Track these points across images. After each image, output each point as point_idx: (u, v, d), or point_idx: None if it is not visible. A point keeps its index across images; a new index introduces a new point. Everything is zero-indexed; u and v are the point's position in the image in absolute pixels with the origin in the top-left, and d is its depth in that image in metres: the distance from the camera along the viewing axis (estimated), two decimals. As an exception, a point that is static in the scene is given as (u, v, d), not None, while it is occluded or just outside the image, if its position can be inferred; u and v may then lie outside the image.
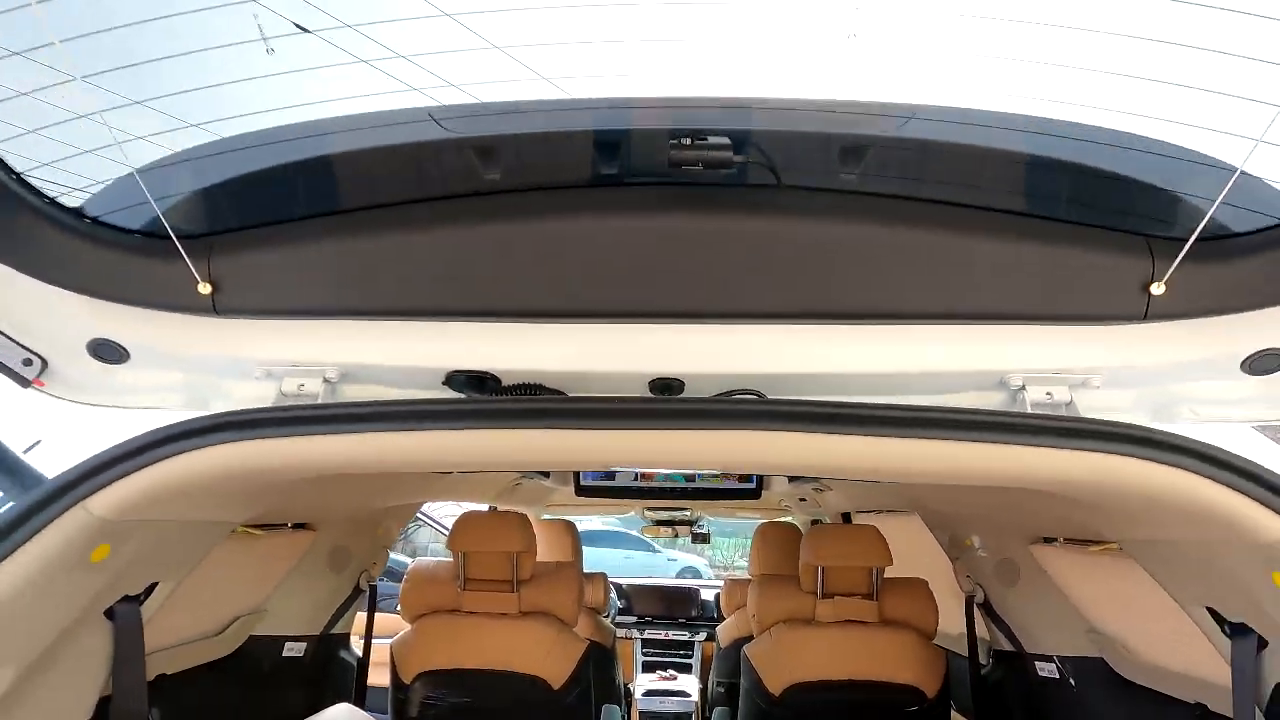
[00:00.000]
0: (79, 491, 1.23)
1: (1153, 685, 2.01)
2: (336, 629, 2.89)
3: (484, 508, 4.31)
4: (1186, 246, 1.16)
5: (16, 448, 1.33)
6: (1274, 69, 1.13)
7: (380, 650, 3.14)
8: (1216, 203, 1.14)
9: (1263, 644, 1.36)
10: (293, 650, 2.58)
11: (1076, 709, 2.37)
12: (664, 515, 6.19)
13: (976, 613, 2.91)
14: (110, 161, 1.25)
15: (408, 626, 2.89)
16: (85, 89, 1.14)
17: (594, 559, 5.39)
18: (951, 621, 3.06)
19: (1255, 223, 1.22)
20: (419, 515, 5.42)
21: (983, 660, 2.96)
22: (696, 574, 17.16)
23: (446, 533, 6.13)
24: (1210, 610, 1.48)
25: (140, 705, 1.54)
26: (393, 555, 4.58)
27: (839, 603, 2.88)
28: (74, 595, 1.33)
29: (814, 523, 5.43)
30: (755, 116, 1.29)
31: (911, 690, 2.81)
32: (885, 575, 2.90)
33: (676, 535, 6.93)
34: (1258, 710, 1.37)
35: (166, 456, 1.25)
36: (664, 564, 17.23)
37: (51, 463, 1.40)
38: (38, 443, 1.54)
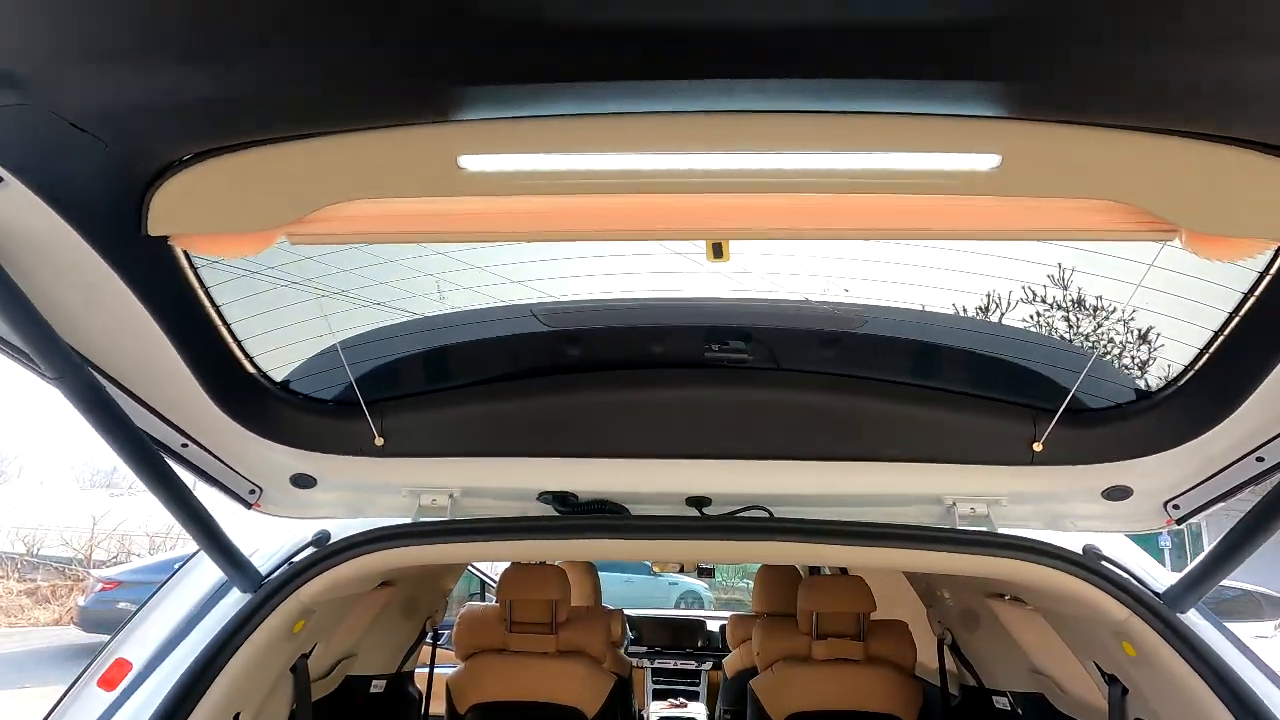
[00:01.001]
0: (294, 585, 1.77)
1: (1077, 717, 2.53)
2: (406, 667, 3.41)
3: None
4: (1053, 421, 1.72)
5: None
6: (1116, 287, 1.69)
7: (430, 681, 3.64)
8: (1072, 391, 1.71)
9: (1125, 691, 1.90)
10: (376, 687, 3.10)
11: (1023, 737, 2.89)
12: (672, 554, 6.69)
13: (946, 652, 3.42)
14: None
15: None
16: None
17: (598, 584, 5.83)
18: (930, 656, 3.57)
19: (1105, 401, 1.78)
20: (470, 569, 5.96)
21: (953, 693, 3.47)
22: (697, 597, 17.47)
23: (485, 578, 6.62)
24: (1095, 664, 2.02)
25: (309, 730, 2.10)
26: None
27: (831, 643, 3.33)
28: (281, 658, 1.86)
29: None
30: (761, 320, 1.85)
31: (894, 719, 3.33)
32: (871, 618, 3.41)
33: (683, 569, 7.45)
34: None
35: (352, 557, 1.80)
36: (665, 588, 17.55)
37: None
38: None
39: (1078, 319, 1.69)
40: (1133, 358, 1.69)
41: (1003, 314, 1.74)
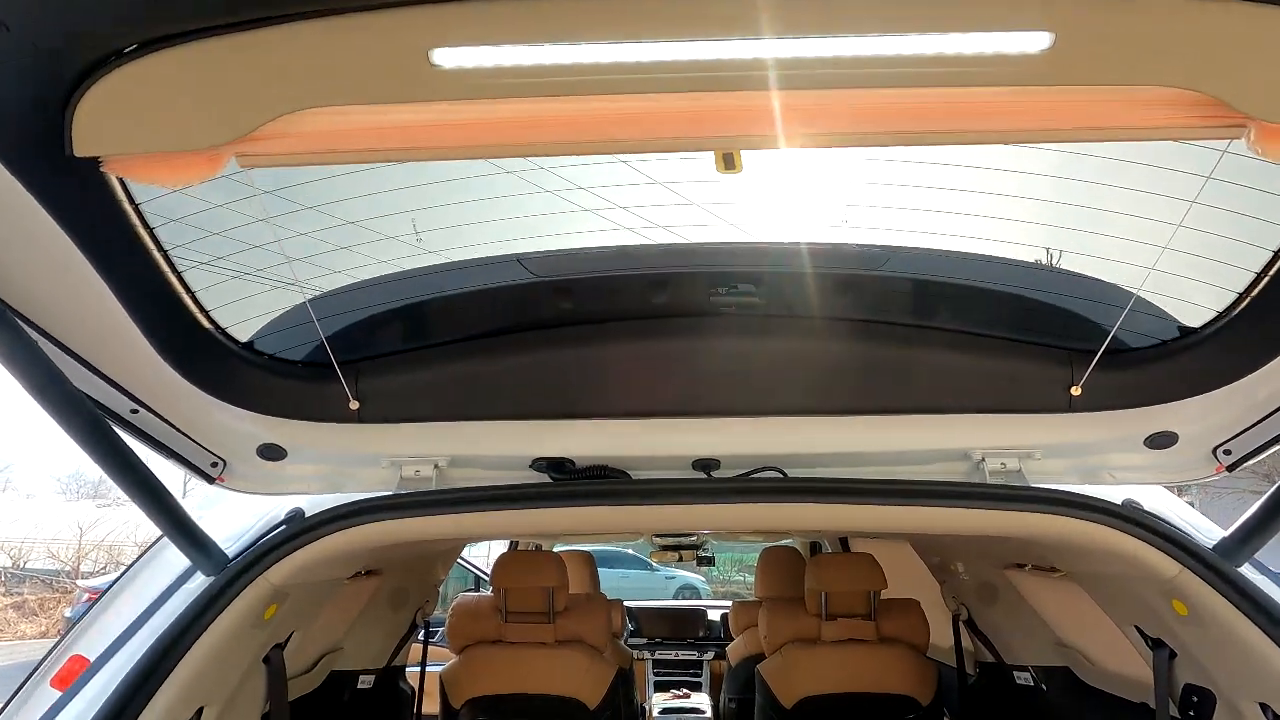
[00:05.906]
0: (261, 565, 1.61)
1: (1108, 689, 2.40)
2: (396, 662, 3.24)
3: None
4: (1094, 361, 1.58)
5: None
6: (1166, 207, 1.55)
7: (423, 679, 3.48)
8: (1115, 328, 1.56)
9: (1173, 655, 1.77)
10: (364, 682, 2.94)
11: (1048, 713, 2.76)
12: (672, 541, 6.57)
13: (962, 629, 3.30)
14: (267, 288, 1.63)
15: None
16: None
17: (595, 580, 5.72)
18: (943, 634, 3.45)
19: (1147, 340, 1.64)
20: (459, 561, 5.79)
21: (970, 671, 3.35)
22: (695, 590, 17.39)
23: (480, 573, 6.47)
24: (1137, 628, 1.89)
25: (286, 731, 1.92)
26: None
27: (841, 623, 3.23)
28: (251, 647, 1.69)
29: (813, 546, 5.82)
30: (772, 261, 1.70)
31: (908, 700, 3.19)
32: (881, 596, 3.29)
33: (682, 559, 7.31)
34: (1172, 704, 1.78)
35: (327, 534, 1.63)
36: (662, 582, 17.44)
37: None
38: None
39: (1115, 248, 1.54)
40: (1176, 290, 1.55)
41: (1046, 249, 1.60)
